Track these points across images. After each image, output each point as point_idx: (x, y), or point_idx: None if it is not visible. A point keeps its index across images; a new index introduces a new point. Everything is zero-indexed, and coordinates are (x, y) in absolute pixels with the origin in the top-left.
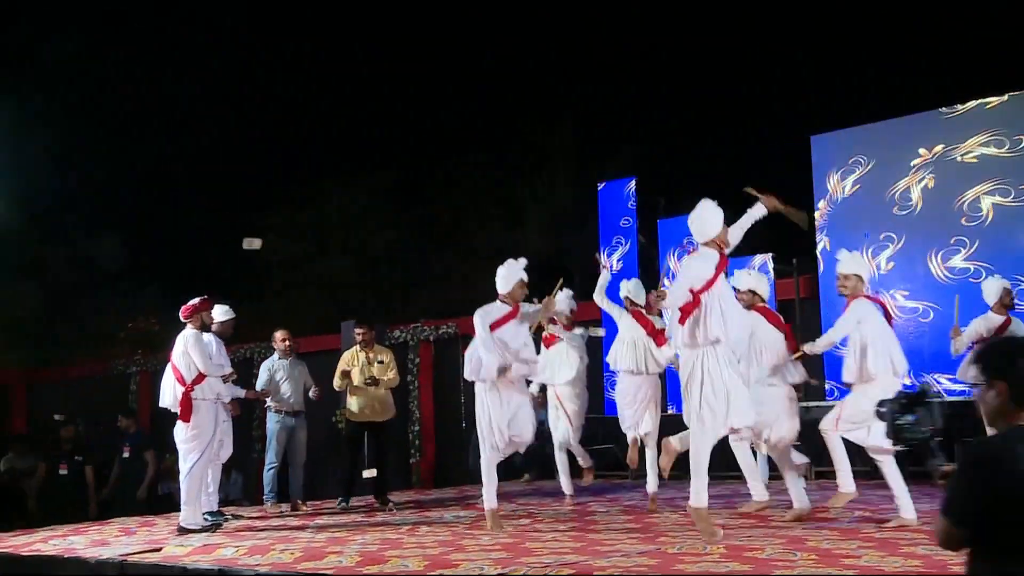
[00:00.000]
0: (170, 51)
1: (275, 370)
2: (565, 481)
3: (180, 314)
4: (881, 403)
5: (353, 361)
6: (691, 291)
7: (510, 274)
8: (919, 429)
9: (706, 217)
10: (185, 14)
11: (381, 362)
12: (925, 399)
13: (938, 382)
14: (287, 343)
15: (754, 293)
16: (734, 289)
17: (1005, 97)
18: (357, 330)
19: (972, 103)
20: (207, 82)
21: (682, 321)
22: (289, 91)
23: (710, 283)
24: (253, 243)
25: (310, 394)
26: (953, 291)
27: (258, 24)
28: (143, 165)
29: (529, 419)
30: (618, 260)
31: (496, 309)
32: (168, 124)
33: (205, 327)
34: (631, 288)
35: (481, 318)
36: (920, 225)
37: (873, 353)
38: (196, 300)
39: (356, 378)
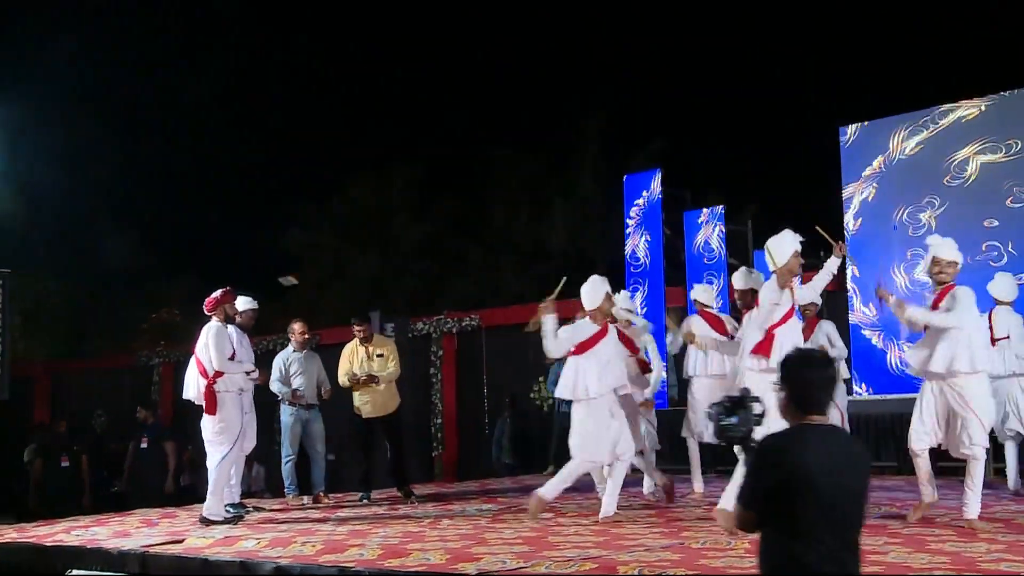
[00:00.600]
0: (198, 46)
1: (289, 363)
2: (648, 480)
3: (204, 307)
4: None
5: (352, 356)
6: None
7: (595, 289)
8: (739, 430)
9: (780, 244)
10: (214, 6)
11: (380, 356)
12: (745, 403)
13: None
14: (305, 336)
15: (755, 292)
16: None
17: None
18: (356, 327)
19: None
20: (237, 76)
21: (763, 350)
22: (318, 84)
23: (787, 316)
24: (289, 280)
25: (322, 393)
26: (970, 271)
27: (285, 14)
28: (171, 159)
29: (627, 434)
30: (645, 253)
31: (585, 329)
32: (197, 119)
33: (229, 319)
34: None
35: (567, 333)
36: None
37: (978, 345)
38: (218, 292)
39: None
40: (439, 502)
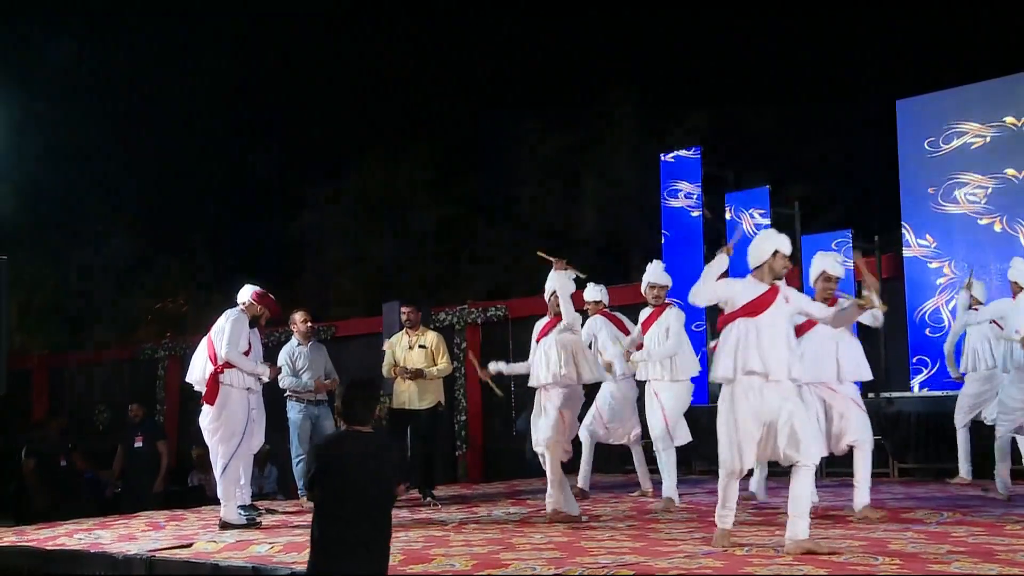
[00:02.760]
0: (208, 19)
1: (295, 357)
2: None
3: (251, 294)
4: None
5: (396, 346)
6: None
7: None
8: None
9: (756, 243)
10: None
11: (423, 347)
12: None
13: None
14: (308, 324)
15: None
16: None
17: None
18: (403, 309)
19: None
20: (247, 54)
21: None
22: (329, 57)
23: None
24: None
25: (328, 384)
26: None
27: None
28: (179, 143)
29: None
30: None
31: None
32: (204, 99)
33: (255, 320)
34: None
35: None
36: None
37: None
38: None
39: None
40: (463, 504)
